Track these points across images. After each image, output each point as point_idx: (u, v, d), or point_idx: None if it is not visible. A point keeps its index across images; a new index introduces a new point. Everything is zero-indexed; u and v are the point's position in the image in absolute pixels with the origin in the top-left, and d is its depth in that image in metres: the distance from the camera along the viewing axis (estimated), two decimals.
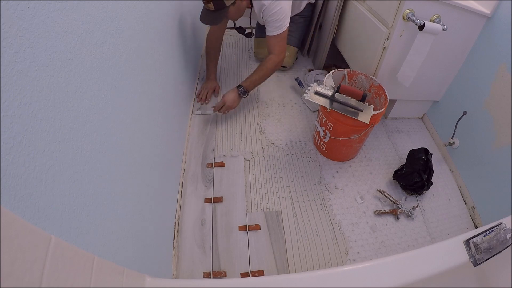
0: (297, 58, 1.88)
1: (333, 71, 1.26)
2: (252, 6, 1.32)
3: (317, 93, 1.11)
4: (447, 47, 1.20)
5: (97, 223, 0.53)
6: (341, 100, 1.08)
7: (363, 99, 1.07)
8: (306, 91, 1.12)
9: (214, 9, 1.16)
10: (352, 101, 1.08)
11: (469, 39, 1.20)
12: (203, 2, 1.16)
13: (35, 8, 0.39)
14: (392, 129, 1.54)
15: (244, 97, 1.39)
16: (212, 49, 1.56)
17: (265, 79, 1.40)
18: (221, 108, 1.37)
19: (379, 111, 1.08)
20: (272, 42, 1.33)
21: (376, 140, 1.48)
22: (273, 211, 1.17)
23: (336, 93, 1.09)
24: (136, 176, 0.74)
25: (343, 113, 1.07)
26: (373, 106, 1.08)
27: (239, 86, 1.38)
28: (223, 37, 1.57)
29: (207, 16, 1.20)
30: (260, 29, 1.65)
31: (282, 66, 1.79)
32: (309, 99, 1.10)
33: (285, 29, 1.30)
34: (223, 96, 1.38)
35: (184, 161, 1.31)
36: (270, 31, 1.30)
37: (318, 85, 1.14)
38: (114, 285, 0.50)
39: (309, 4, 1.62)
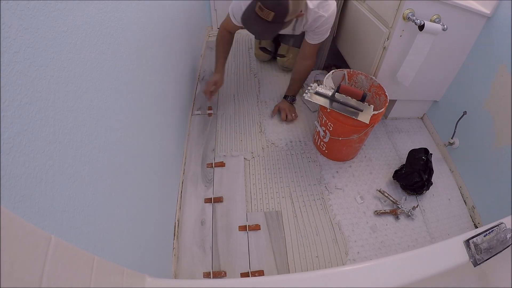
0: None
1: (333, 71, 1.26)
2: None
3: (317, 93, 1.11)
4: (447, 47, 1.20)
5: (97, 223, 0.53)
6: (341, 100, 1.08)
7: (363, 99, 1.07)
8: (306, 91, 1.12)
9: (270, 20, 0.99)
10: (352, 101, 1.08)
11: (469, 39, 1.20)
12: (257, 9, 0.98)
13: (35, 8, 0.39)
14: (392, 129, 1.54)
15: (294, 103, 1.55)
16: (223, 42, 1.40)
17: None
18: (286, 117, 1.50)
19: (379, 111, 1.08)
20: (311, 49, 1.35)
21: (376, 140, 1.48)
22: (273, 211, 1.17)
23: (336, 93, 1.09)
24: (136, 176, 0.74)
25: (343, 113, 1.07)
26: (373, 106, 1.08)
27: (285, 97, 1.53)
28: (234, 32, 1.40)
29: (255, 26, 1.03)
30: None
31: (286, 68, 1.81)
32: (309, 99, 1.10)
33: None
34: (279, 108, 1.52)
35: (184, 161, 1.31)
36: (315, 39, 1.28)
37: (318, 85, 1.14)
38: (114, 285, 0.50)
39: None
